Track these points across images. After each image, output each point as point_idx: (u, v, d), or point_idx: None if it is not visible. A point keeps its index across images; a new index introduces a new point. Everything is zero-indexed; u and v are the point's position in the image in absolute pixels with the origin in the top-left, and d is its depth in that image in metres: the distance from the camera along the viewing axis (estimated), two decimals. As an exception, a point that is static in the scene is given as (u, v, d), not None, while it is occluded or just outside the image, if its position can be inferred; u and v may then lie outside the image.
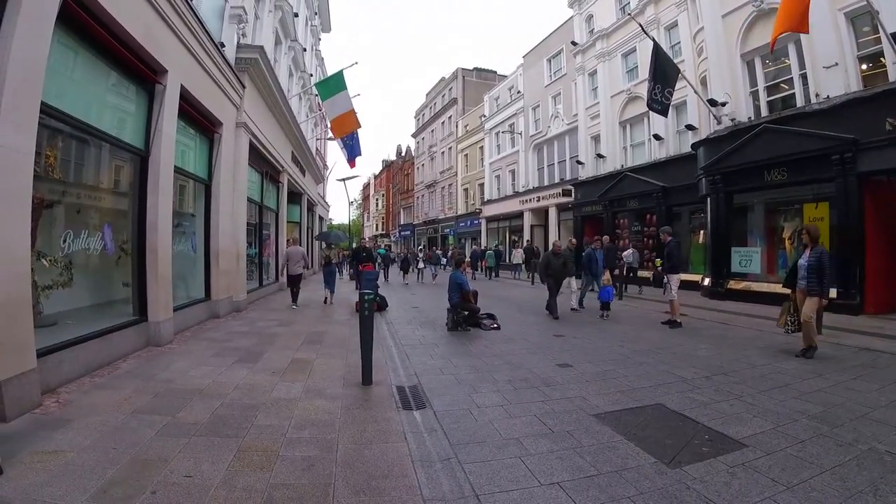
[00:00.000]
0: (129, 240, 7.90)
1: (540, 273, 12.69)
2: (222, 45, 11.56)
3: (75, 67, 6.50)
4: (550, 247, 13.56)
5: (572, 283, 13.35)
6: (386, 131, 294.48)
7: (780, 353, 8.22)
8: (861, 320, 11.05)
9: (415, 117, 65.30)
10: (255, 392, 5.84)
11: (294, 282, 14.79)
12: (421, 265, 27.63)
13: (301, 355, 7.93)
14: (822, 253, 7.73)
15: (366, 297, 6.42)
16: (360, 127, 19.59)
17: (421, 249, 31.98)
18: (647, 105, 16.12)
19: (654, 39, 16.23)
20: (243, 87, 13.11)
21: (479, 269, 30.53)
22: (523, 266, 29.07)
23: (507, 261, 32.73)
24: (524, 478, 3.84)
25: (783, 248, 14.80)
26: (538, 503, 3.48)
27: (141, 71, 7.78)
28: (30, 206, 4.94)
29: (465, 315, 10.85)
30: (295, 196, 24.98)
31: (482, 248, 34.55)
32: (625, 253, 19.76)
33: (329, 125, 21.08)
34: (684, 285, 17.56)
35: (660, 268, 11.62)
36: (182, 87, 9.11)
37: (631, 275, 19.39)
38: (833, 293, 11.79)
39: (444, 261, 33.76)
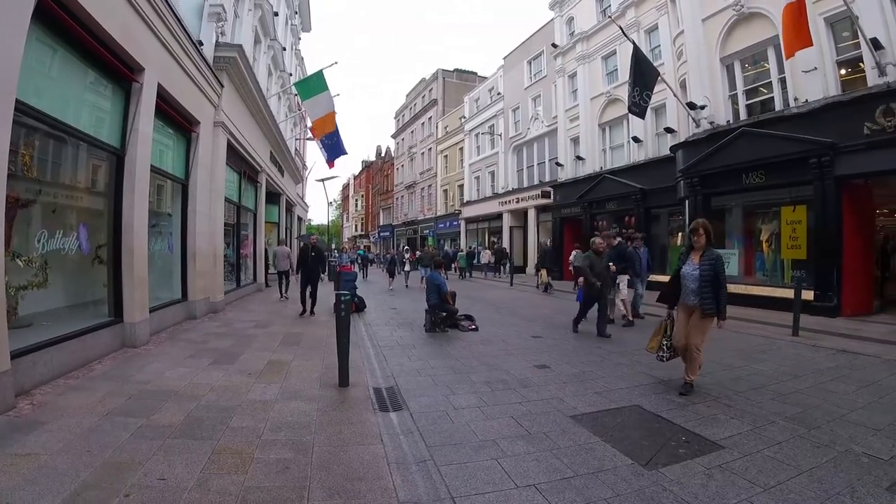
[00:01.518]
0: (106, 240, 7.80)
1: (586, 278, 10.44)
2: (200, 43, 11.45)
3: (51, 65, 6.42)
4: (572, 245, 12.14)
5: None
6: (366, 132, 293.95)
7: (757, 354, 8.33)
8: (839, 322, 11.19)
9: (394, 118, 65.20)
10: (230, 394, 5.81)
11: (282, 277, 17.01)
12: (407, 268, 25.81)
13: (278, 357, 7.90)
14: (717, 259, 6.07)
15: (342, 298, 6.42)
16: (333, 129, 19.56)
17: (406, 250, 31.08)
18: (628, 108, 16.20)
19: (633, 42, 16.34)
20: (221, 86, 13.00)
21: (453, 270, 30.69)
22: (503, 266, 30.01)
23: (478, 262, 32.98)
24: (500, 480, 3.85)
25: (761, 251, 15.00)
26: (513, 505, 3.49)
27: (118, 69, 7.69)
28: (3, 206, 4.87)
29: (443, 316, 10.89)
30: (273, 196, 24.75)
31: (454, 249, 34.84)
32: (571, 255, 20.76)
33: (310, 125, 20.99)
34: (662, 287, 17.78)
35: (614, 269, 11.55)
36: (159, 85, 9.01)
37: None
38: (810, 295, 11.97)
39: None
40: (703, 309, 6.04)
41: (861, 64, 11.99)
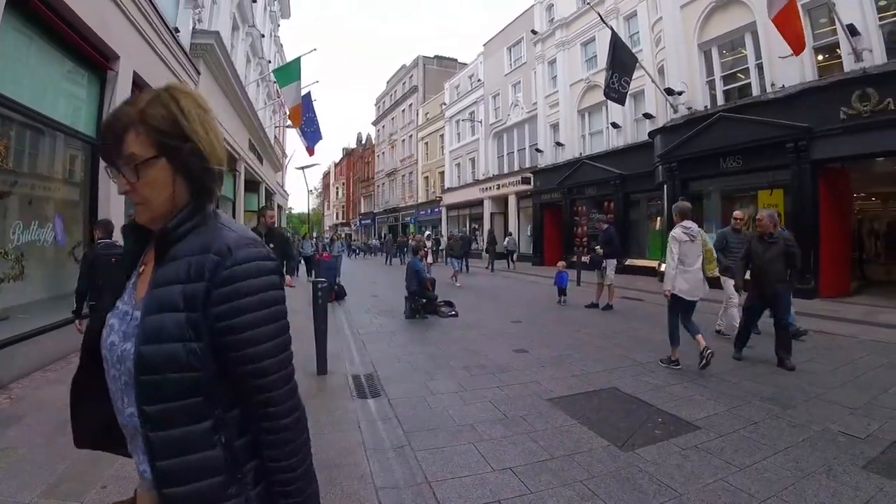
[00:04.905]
0: (82, 233, 7.72)
1: (736, 276, 7.75)
2: (177, 30, 11.26)
3: (26, 54, 6.32)
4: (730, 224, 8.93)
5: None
6: (347, 119, 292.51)
7: (733, 335, 8.34)
8: (816, 304, 11.30)
9: (375, 105, 64.67)
10: (210, 383, 5.79)
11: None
12: (430, 259, 21.19)
13: (257, 345, 7.85)
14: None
15: (319, 286, 6.44)
16: (298, 125, 19.70)
17: (429, 237, 27.35)
18: (605, 94, 16.34)
19: (612, 29, 16.39)
20: (198, 73, 12.83)
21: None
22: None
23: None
24: (477, 463, 3.90)
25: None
26: (490, 488, 3.53)
27: (92, 57, 7.57)
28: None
29: (423, 303, 10.94)
30: (253, 185, 24.46)
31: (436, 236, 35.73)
32: (506, 240, 24.43)
33: (288, 113, 20.84)
34: (642, 271, 18.04)
35: (601, 252, 11.62)
36: (135, 73, 8.85)
37: (512, 257, 25.99)
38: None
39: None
40: None
41: (838, 50, 12.13)
